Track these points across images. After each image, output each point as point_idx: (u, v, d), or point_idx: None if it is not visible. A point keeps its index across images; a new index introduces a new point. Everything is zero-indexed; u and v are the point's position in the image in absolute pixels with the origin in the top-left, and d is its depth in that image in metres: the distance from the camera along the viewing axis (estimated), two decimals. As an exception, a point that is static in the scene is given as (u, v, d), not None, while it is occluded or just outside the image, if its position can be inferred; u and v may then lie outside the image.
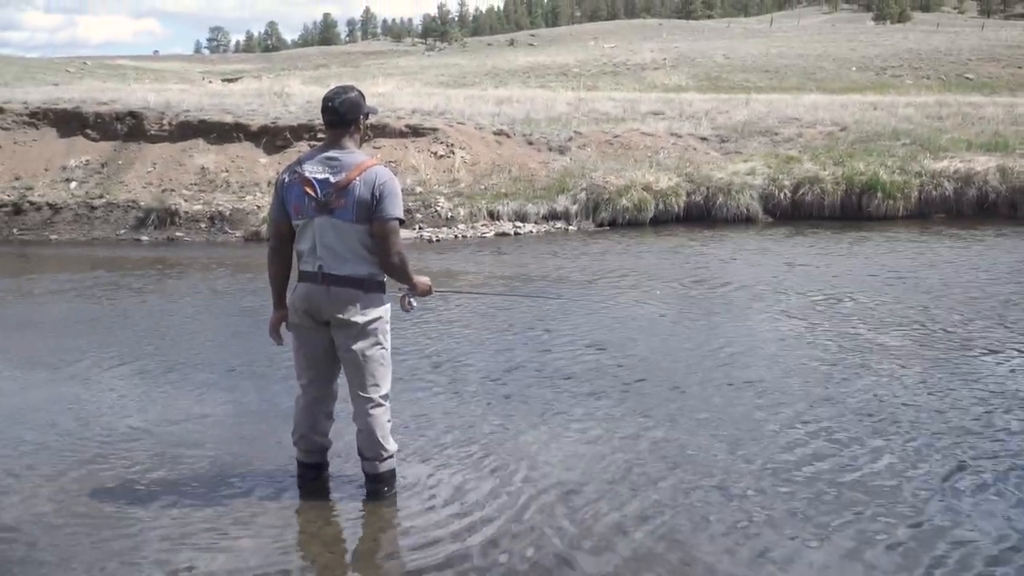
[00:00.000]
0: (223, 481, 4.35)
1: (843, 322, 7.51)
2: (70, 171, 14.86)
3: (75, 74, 48.14)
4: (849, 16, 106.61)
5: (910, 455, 4.58)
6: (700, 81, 41.96)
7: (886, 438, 4.82)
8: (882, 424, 5.03)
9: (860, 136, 17.15)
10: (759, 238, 12.65)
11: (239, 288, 9.64)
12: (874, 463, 4.48)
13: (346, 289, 3.85)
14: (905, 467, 4.43)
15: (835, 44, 57.26)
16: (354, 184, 3.80)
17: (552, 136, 16.37)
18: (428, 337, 7.11)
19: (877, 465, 4.46)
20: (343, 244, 3.84)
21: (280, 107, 16.43)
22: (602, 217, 13.92)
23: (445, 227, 13.27)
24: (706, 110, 19.84)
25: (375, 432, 3.98)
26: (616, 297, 8.71)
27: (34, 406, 5.52)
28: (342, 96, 3.93)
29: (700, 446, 4.73)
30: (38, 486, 4.30)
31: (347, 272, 3.85)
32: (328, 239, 3.83)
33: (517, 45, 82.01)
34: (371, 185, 3.81)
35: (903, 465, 4.45)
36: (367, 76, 43.64)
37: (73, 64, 63.22)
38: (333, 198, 3.80)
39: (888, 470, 4.40)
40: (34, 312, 8.59)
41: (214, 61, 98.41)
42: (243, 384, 5.96)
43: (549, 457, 4.60)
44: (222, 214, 13.53)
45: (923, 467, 4.43)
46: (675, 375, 6.05)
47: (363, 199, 3.80)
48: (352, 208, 3.80)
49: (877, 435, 4.86)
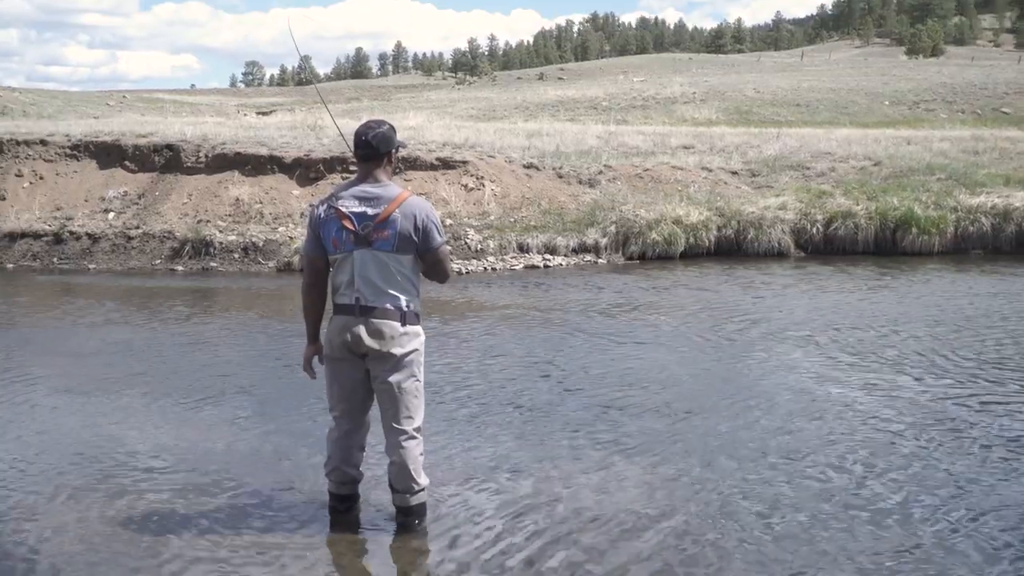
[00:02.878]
0: (254, 511, 4.37)
1: (879, 359, 7.42)
2: (108, 202, 15.13)
3: (115, 107, 49.19)
4: (881, 50, 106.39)
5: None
6: (730, 115, 42.00)
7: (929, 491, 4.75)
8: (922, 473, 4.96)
9: (894, 171, 17.06)
10: (791, 273, 12.57)
11: (272, 318, 9.73)
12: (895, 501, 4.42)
13: (385, 321, 3.89)
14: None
15: (867, 78, 57.13)
16: (394, 216, 3.86)
17: (582, 169, 16.43)
18: (454, 368, 7.12)
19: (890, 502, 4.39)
20: (382, 276, 3.88)
21: (313, 140, 16.64)
22: (632, 250, 13.92)
23: (475, 259, 13.33)
24: (737, 144, 19.85)
25: (408, 465, 3.99)
26: (641, 330, 8.68)
27: (66, 432, 5.59)
28: (375, 130, 3.99)
29: (740, 484, 4.68)
30: (65, 512, 4.34)
31: (385, 304, 3.89)
32: (367, 271, 3.87)
33: (547, 79, 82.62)
34: (412, 218, 3.88)
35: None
36: (398, 109, 44.14)
37: (113, 98, 64.64)
38: (372, 231, 3.85)
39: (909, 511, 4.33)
40: (70, 340, 8.71)
41: (249, 94, 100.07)
42: (275, 414, 5.99)
43: (583, 492, 4.58)
44: (255, 245, 13.70)
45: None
46: (708, 410, 6.00)
47: (404, 231, 3.87)
48: (393, 240, 3.86)
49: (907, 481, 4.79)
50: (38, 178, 15.73)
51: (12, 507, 4.44)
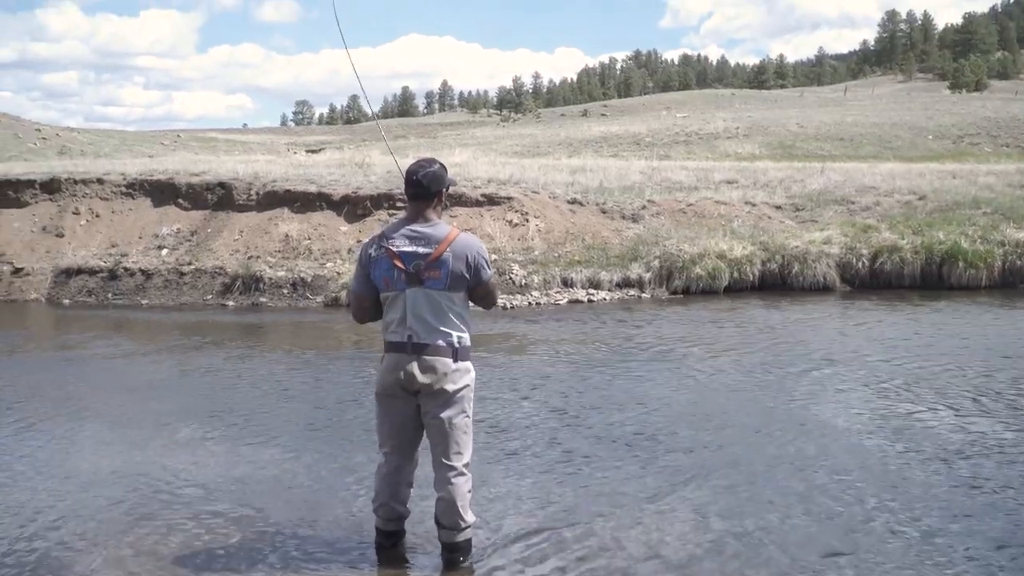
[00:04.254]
0: (302, 547, 4.34)
1: (924, 395, 7.24)
2: (162, 239, 15.42)
3: (169, 146, 50.39)
4: (924, 85, 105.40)
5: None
6: (773, 150, 41.77)
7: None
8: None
9: (939, 205, 16.78)
10: (837, 307, 12.37)
11: (320, 353, 9.78)
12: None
13: (437, 358, 3.88)
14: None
15: (911, 112, 56.54)
16: (445, 256, 3.86)
17: (625, 204, 16.40)
18: (495, 404, 7.08)
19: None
20: (434, 313, 3.88)
21: (361, 177, 16.84)
22: (676, 285, 13.81)
23: (519, 294, 13.31)
24: (780, 179, 19.70)
25: (456, 502, 3.95)
26: (686, 365, 8.57)
27: (119, 466, 5.63)
28: (426, 169, 3.99)
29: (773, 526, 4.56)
30: (116, 545, 4.36)
31: (437, 340, 3.89)
32: (420, 309, 3.87)
33: (590, 115, 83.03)
34: (463, 257, 3.89)
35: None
36: (444, 146, 44.62)
37: (167, 137, 66.28)
38: (424, 270, 3.85)
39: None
40: (124, 375, 8.84)
41: (299, 133, 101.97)
42: (324, 449, 5.99)
43: (632, 533, 4.49)
44: (304, 280, 13.84)
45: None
46: (749, 448, 5.88)
47: (456, 270, 3.88)
48: (445, 279, 3.87)
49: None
50: (94, 216, 16.10)
51: (63, 538, 4.47)
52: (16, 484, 5.33)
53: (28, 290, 14.72)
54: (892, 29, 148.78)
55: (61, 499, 5.05)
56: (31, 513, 4.82)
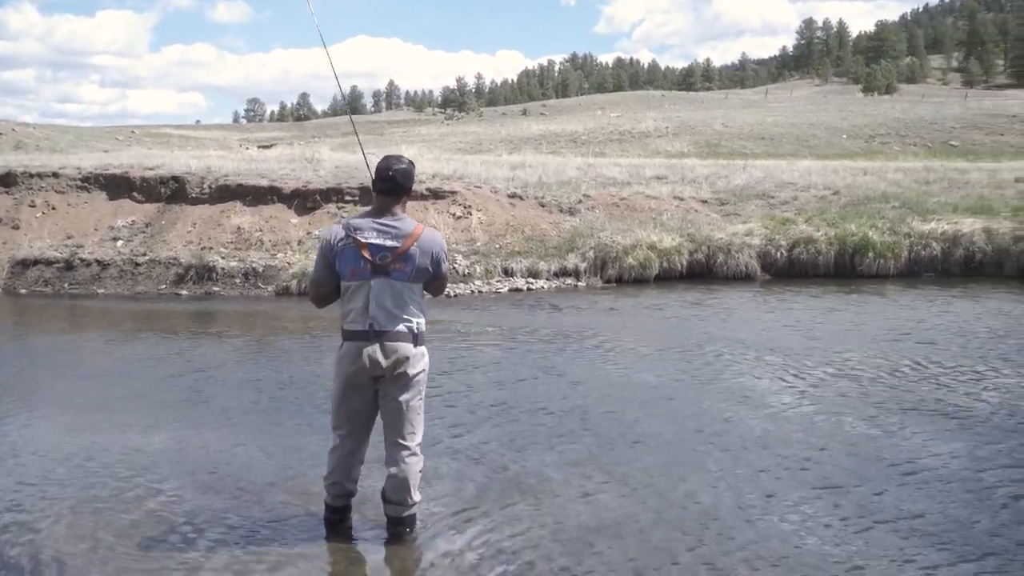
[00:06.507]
0: (252, 523, 4.32)
1: (837, 377, 7.47)
2: (117, 230, 15.08)
3: (124, 142, 49.05)
4: (839, 88, 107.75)
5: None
6: (700, 148, 42.36)
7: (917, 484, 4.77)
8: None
9: (851, 199, 17.23)
10: (757, 294, 12.65)
11: (270, 340, 9.69)
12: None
13: (398, 343, 3.88)
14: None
15: (826, 113, 57.78)
16: (412, 251, 3.87)
17: (563, 198, 16.51)
18: (440, 384, 7.11)
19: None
20: (396, 302, 3.87)
21: (311, 172, 16.66)
22: (609, 274, 13.98)
23: (462, 283, 13.34)
24: (706, 175, 20.00)
25: (408, 480, 3.96)
26: (614, 348, 8.70)
27: (73, 449, 5.53)
28: (399, 166, 3.96)
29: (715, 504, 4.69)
30: (75, 524, 4.29)
31: (399, 327, 3.88)
32: (383, 299, 3.85)
33: (530, 114, 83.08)
34: (429, 252, 3.92)
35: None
36: (391, 143, 44.28)
37: (122, 133, 64.47)
38: (391, 262, 3.84)
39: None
40: (79, 361, 8.64)
41: (251, 130, 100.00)
42: (271, 429, 5.95)
43: (570, 503, 4.57)
44: (255, 270, 13.66)
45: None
46: (676, 431, 6.01)
47: (422, 264, 3.90)
48: (411, 272, 3.88)
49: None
50: (50, 208, 15.66)
51: (22, 520, 4.39)
52: (-27, 468, 5.21)
53: (-17, 281, 14.26)
54: (809, 36, 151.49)
55: (17, 481, 4.94)
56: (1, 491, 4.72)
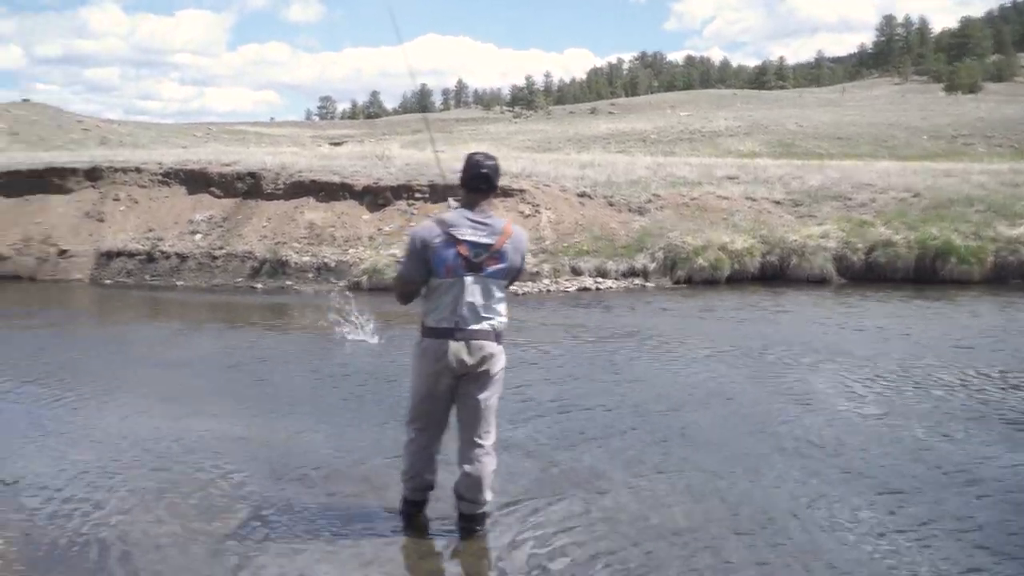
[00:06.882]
0: (329, 514, 4.38)
1: (909, 384, 7.24)
2: (196, 224, 15.52)
3: (201, 138, 50.50)
4: (920, 87, 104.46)
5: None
6: (773, 148, 41.58)
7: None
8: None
9: (933, 202, 16.66)
10: (830, 297, 12.35)
11: (347, 333, 9.82)
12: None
13: (484, 342, 3.89)
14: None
15: (906, 113, 56.14)
16: (505, 248, 3.89)
17: (632, 198, 16.38)
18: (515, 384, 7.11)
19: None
20: (485, 300, 3.89)
21: (382, 169, 16.86)
22: (679, 275, 13.82)
23: (530, 282, 13.34)
24: (780, 175, 19.58)
25: (482, 479, 3.98)
26: (684, 348, 8.58)
27: (152, 435, 5.70)
28: (491, 162, 3.96)
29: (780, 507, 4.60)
30: (153, 508, 4.42)
31: (483, 325, 3.89)
32: (474, 296, 3.86)
33: (598, 113, 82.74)
34: (519, 249, 3.95)
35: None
36: (459, 141, 44.58)
37: (200, 129, 66.43)
38: (486, 259, 3.85)
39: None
40: (159, 350, 8.91)
41: (322, 127, 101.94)
42: (347, 423, 6.03)
43: (638, 504, 4.53)
44: (327, 265, 13.91)
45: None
46: (736, 433, 5.90)
47: (513, 261, 3.93)
48: (504, 268, 3.90)
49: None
50: (133, 202, 16.21)
51: (96, 499, 4.54)
52: (60, 448, 5.42)
53: (72, 271, 14.89)
54: (889, 33, 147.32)
55: (101, 467, 5.12)
56: (78, 472, 4.90)
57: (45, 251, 15.31)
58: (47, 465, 5.12)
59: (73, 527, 4.20)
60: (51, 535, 4.09)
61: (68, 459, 5.23)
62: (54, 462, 5.18)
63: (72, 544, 4.01)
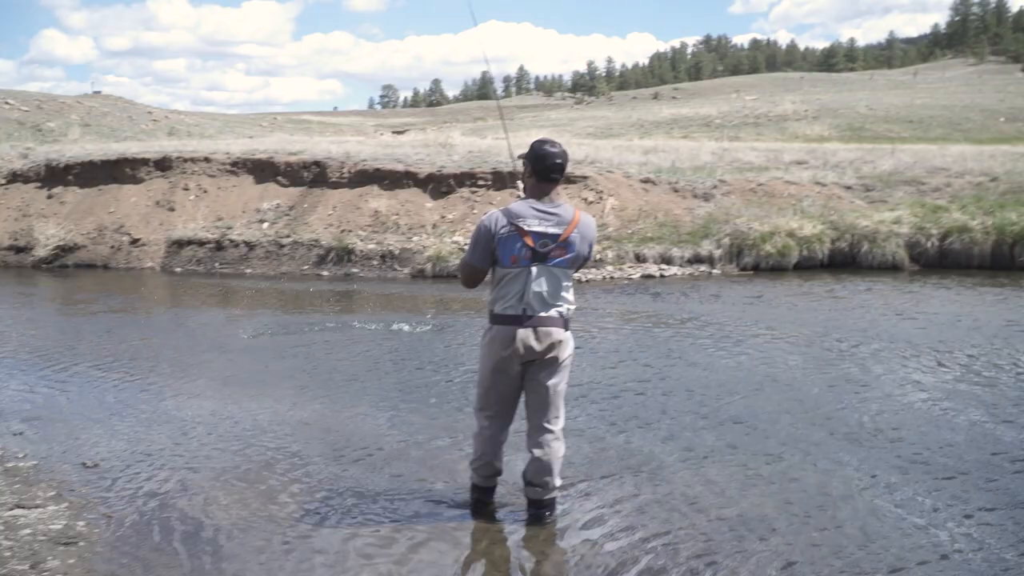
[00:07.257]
0: (399, 499, 4.42)
1: (985, 373, 6.98)
2: (263, 213, 15.81)
3: (267, 128, 51.43)
4: (996, 67, 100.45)
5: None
6: (842, 131, 40.52)
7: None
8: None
9: (1012, 186, 16.07)
10: (902, 284, 11.99)
11: (408, 319, 9.91)
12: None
13: (552, 328, 3.88)
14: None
15: (982, 95, 54.17)
16: (573, 237, 3.86)
17: (697, 184, 16.15)
18: (582, 371, 7.08)
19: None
20: (551, 288, 3.87)
21: (445, 156, 16.94)
22: (745, 261, 13.60)
23: (594, 268, 13.27)
24: (850, 160, 19.10)
25: (552, 464, 3.97)
26: (754, 337, 8.43)
27: (224, 419, 5.83)
28: (561, 150, 3.91)
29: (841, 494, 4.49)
30: (219, 488, 4.52)
31: (552, 312, 3.88)
32: (541, 285, 3.85)
33: (661, 98, 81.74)
34: (587, 239, 3.92)
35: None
36: (521, 128, 44.53)
37: (265, 119, 67.64)
38: (552, 249, 3.84)
39: None
40: (229, 336, 9.10)
41: (385, 115, 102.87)
42: (416, 408, 6.08)
43: (692, 487, 4.47)
44: (392, 253, 14.05)
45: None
46: (805, 419, 5.77)
47: (581, 250, 3.91)
48: (571, 258, 3.88)
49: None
50: (202, 191, 16.58)
51: (174, 484, 4.65)
52: (135, 431, 5.58)
53: (144, 259, 15.31)
54: (964, 12, 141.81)
55: (170, 448, 5.26)
56: (151, 454, 5.04)
57: (118, 240, 15.77)
58: (123, 448, 5.28)
59: (149, 509, 4.31)
60: (130, 517, 4.21)
61: (142, 442, 5.38)
62: (129, 445, 5.33)
63: (148, 526, 4.11)
